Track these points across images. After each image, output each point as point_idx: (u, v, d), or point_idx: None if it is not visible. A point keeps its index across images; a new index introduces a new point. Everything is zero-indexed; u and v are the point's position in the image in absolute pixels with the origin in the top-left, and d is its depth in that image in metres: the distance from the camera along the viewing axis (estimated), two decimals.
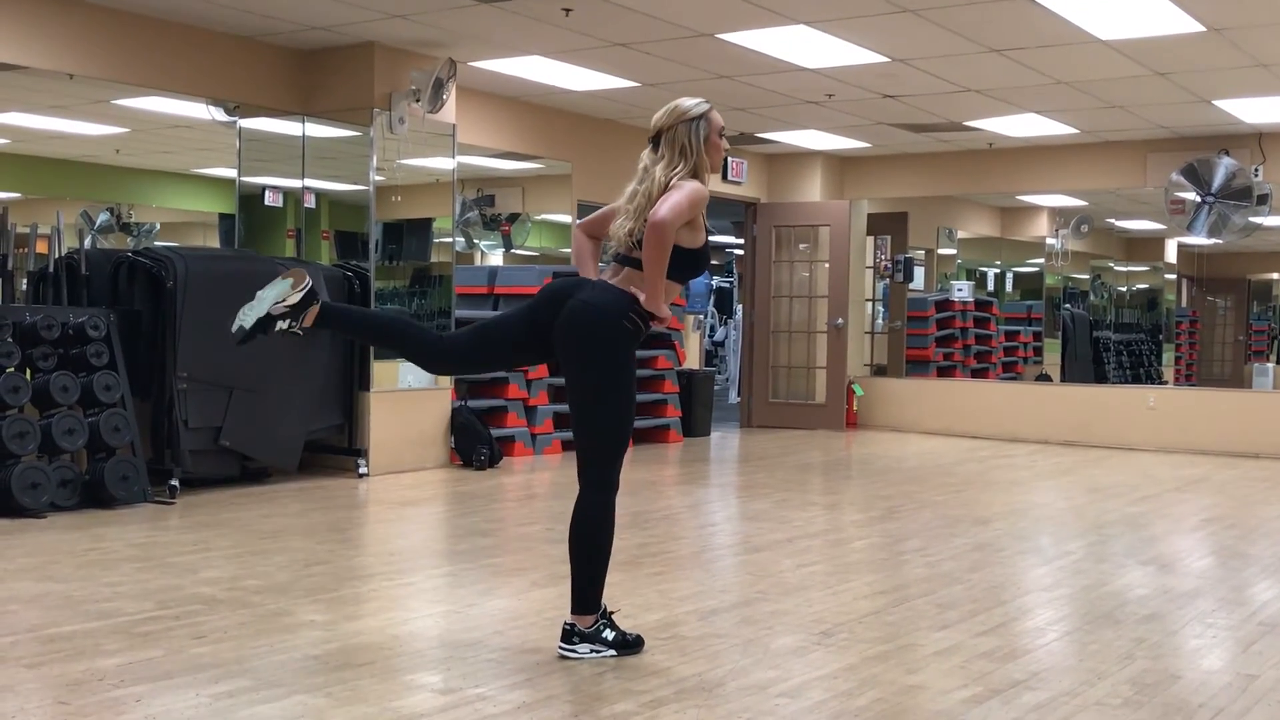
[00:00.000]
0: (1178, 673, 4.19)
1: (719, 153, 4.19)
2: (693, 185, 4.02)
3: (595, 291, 4.08)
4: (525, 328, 4.17)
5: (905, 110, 10.70)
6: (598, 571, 4.13)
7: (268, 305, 3.97)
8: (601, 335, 4.02)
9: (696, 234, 4.09)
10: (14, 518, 6.52)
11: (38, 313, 7.10)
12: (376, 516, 7.46)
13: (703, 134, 4.12)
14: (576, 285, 4.13)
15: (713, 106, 4.19)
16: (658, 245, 3.92)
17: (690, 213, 3.99)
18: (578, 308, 4.02)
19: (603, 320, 4.01)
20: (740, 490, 9.03)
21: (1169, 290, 15.76)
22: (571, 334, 4.03)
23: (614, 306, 4.02)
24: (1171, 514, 8.06)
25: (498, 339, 4.29)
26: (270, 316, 3.98)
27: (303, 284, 4.00)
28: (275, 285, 4.01)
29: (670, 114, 4.14)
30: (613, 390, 4.07)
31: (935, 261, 14.94)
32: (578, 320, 4.02)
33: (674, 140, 4.10)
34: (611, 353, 4.03)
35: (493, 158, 10.96)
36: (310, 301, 4.02)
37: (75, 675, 3.82)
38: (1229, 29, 7.78)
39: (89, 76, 7.91)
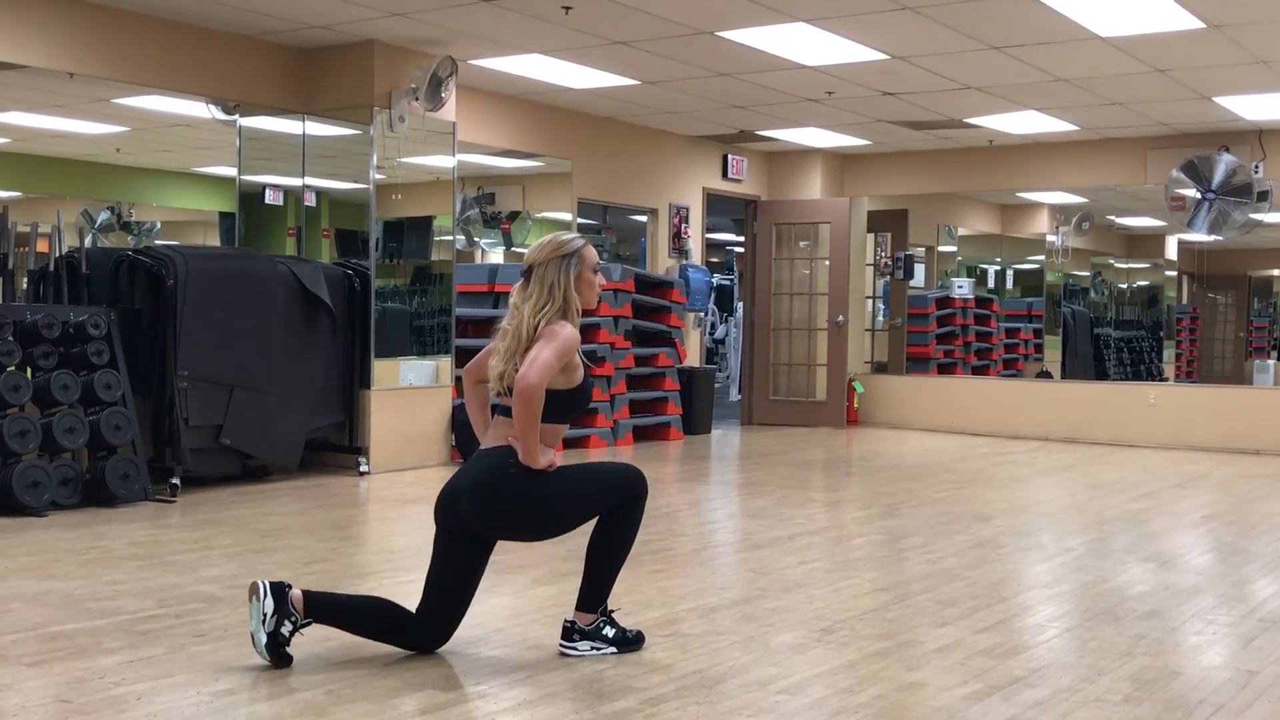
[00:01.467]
0: (1178, 669, 4.19)
1: (593, 290, 4.09)
2: (563, 335, 3.91)
3: (470, 474, 4.02)
4: (460, 545, 4.06)
5: (905, 107, 10.70)
6: (613, 573, 4.15)
7: (262, 631, 3.87)
8: (503, 502, 3.97)
9: (572, 375, 4.00)
10: (15, 516, 6.53)
11: (39, 311, 7.10)
12: (377, 514, 7.46)
13: (574, 272, 4.01)
14: (456, 482, 4.05)
15: (588, 243, 4.11)
16: (526, 408, 3.84)
17: (559, 364, 3.90)
18: (467, 501, 3.97)
19: (494, 492, 3.96)
20: (741, 487, 9.04)
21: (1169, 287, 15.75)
22: (484, 520, 3.99)
23: (491, 477, 3.96)
24: (1172, 510, 8.06)
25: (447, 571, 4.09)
26: (272, 638, 3.87)
27: (258, 591, 3.86)
28: (251, 613, 3.90)
29: (542, 248, 4.04)
30: (561, 506, 4.04)
31: (936, 259, 14.94)
32: (476, 509, 3.97)
33: (544, 278, 3.99)
34: (525, 497, 3.97)
35: (493, 156, 10.96)
36: (279, 593, 3.88)
37: (76, 673, 3.82)
38: (1229, 26, 7.78)
39: (89, 75, 7.92)
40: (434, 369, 9.30)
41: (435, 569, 4.11)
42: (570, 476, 4.08)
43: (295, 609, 3.91)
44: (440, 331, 9.35)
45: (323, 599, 4.03)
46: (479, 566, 4.13)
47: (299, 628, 3.93)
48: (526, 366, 3.85)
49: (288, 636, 3.90)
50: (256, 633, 3.89)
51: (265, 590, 3.88)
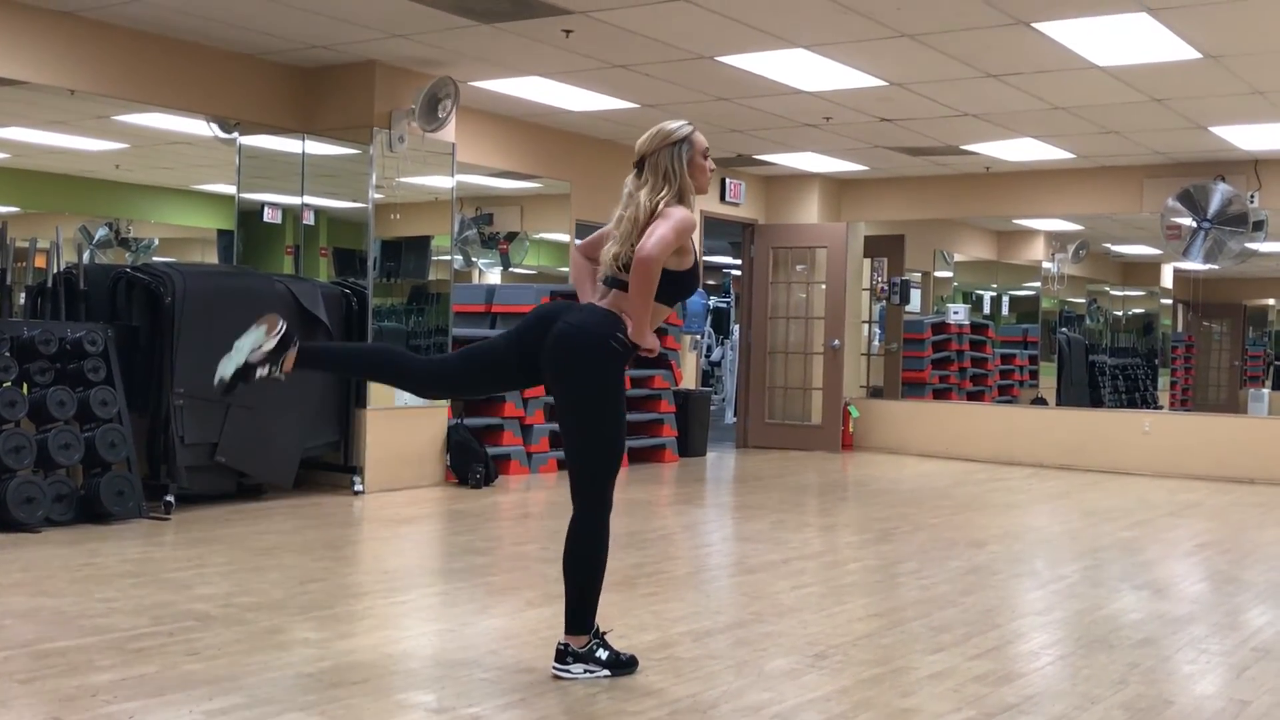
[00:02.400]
0: (1171, 698, 4.19)
1: (704, 175, 4.18)
2: (679, 214, 4.00)
3: (581, 314, 4.09)
4: (514, 351, 4.16)
5: (903, 134, 10.74)
6: (592, 591, 4.14)
7: (245, 354, 3.94)
8: (588, 357, 4.02)
9: (684, 258, 4.08)
10: (9, 532, 6.51)
11: (35, 327, 7.10)
12: (371, 534, 7.45)
13: (686, 157, 4.11)
14: (564, 309, 4.14)
15: (696, 128, 4.18)
16: (644, 279, 3.92)
17: (677, 242, 3.97)
18: (564, 330, 4.03)
19: (588, 342, 4.01)
20: (736, 511, 9.03)
21: (1165, 315, 15.79)
22: (558, 356, 4.04)
23: (599, 328, 4.02)
24: (1166, 539, 8.07)
25: (487, 362, 4.28)
26: (249, 364, 3.95)
27: (276, 328, 3.97)
28: (250, 333, 3.99)
29: (653, 138, 4.14)
30: (601, 412, 4.07)
31: (932, 284, 14.97)
32: (564, 343, 4.02)
33: (657, 165, 4.09)
34: (599, 374, 4.03)
35: (492, 177, 10.98)
36: (287, 345, 3.99)
37: (68, 691, 3.81)
38: (1225, 56, 7.83)
39: (89, 92, 7.94)
40: None
41: (483, 346, 4.31)
42: (623, 414, 4.13)
43: (283, 369, 4.01)
44: (437, 351, 9.35)
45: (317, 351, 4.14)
46: (511, 381, 4.30)
47: (270, 378, 4.01)
48: (646, 239, 3.91)
49: (255, 377, 3.99)
50: (237, 353, 3.97)
51: (279, 331, 3.98)
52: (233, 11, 7.59)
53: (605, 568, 4.16)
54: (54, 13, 7.57)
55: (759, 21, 7.40)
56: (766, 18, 7.33)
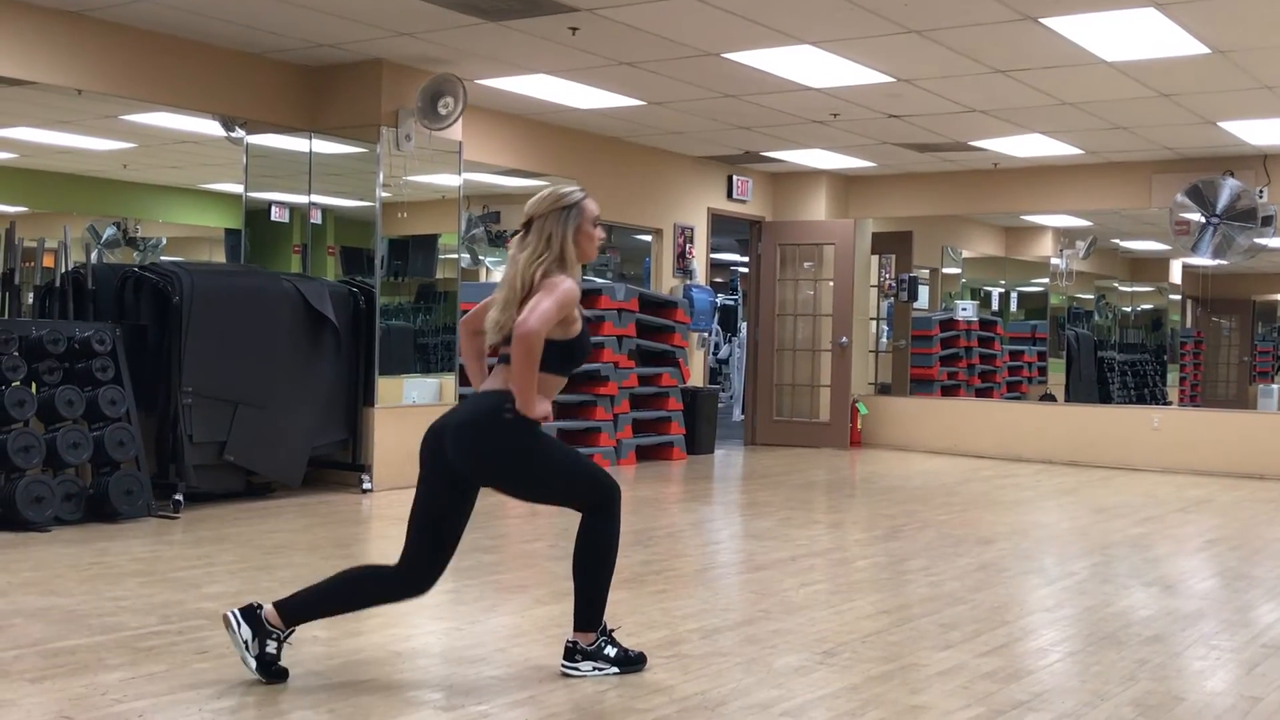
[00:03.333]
0: (1181, 695, 4.18)
1: (591, 242, 4.06)
2: (562, 287, 3.89)
3: (463, 412, 4.03)
4: (438, 485, 4.04)
5: (910, 130, 10.73)
6: (601, 589, 4.13)
7: (248, 656, 3.88)
8: (491, 445, 3.95)
9: (570, 327, 3.98)
10: (18, 531, 6.53)
11: (44, 327, 7.12)
12: (380, 532, 7.46)
13: (573, 224, 4.00)
14: (448, 417, 4.05)
15: (588, 195, 4.10)
16: (525, 355, 3.82)
17: (559, 315, 3.88)
18: (454, 435, 3.96)
19: (482, 433, 3.95)
20: (744, 508, 9.03)
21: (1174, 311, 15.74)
22: (467, 460, 3.97)
23: (487, 414, 3.96)
24: (1175, 535, 8.05)
25: (432, 514, 4.08)
26: (260, 657, 3.88)
27: (228, 623, 3.89)
28: (232, 642, 3.92)
29: (542, 201, 4.03)
30: (537, 471, 4.04)
31: (940, 280, 14.94)
32: (462, 445, 3.96)
33: (544, 229, 3.98)
34: (512, 450, 3.96)
35: (499, 175, 10.99)
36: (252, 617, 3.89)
37: (78, 690, 3.82)
38: (1233, 51, 7.80)
39: (97, 92, 7.95)
40: (437, 387, 9.30)
41: (418, 509, 4.08)
42: (561, 450, 4.11)
43: (273, 625, 3.91)
44: (444, 349, 9.36)
45: (295, 602, 3.99)
46: (463, 510, 4.08)
47: (284, 641, 3.93)
48: (526, 313, 3.82)
49: (275, 654, 3.91)
50: (245, 660, 3.91)
51: (237, 620, 3.89)
52: (239, 11, 7.59)
53: (614, 565, 4.15)
54: (61, 12, 7.58)
55: (766, 18, 7.39)
56: (773, 14, 7.32)
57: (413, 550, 4.07)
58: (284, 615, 3.93)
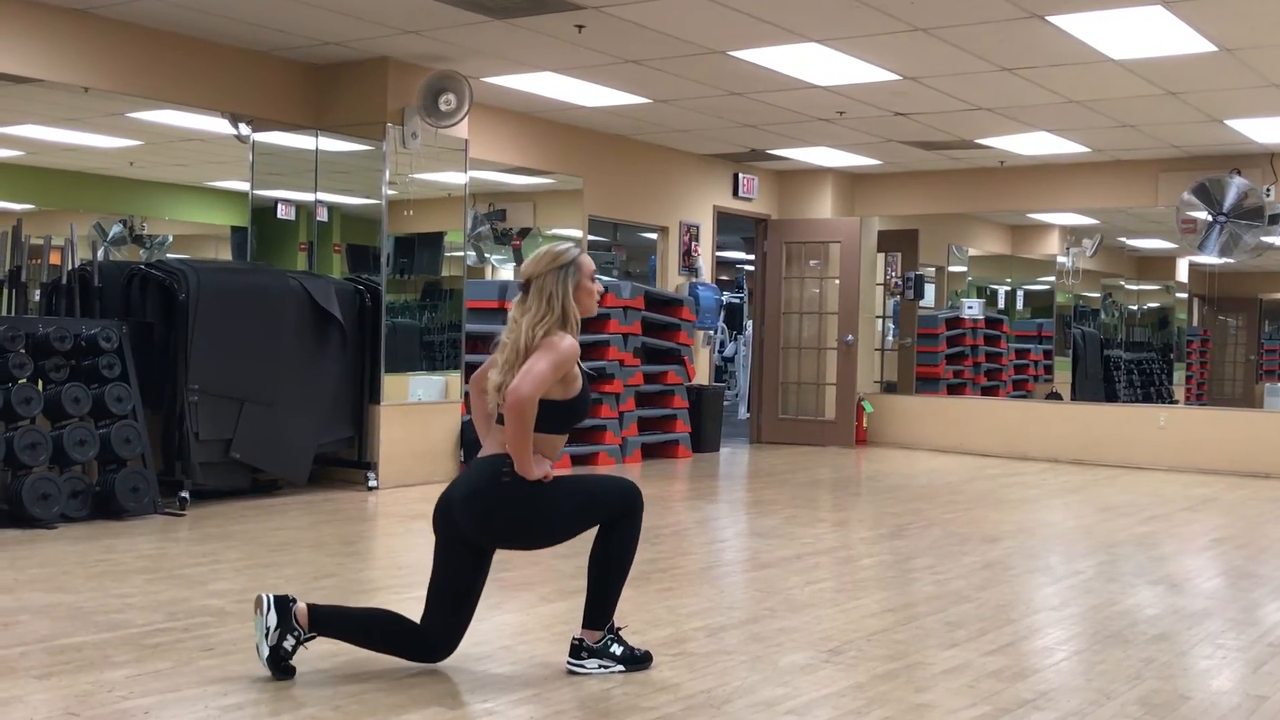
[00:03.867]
0: (1187, 693, 4.18)
1: (591, 298, 4.10)
2: (561, 346, 3.92)
3: (464, 483, 4.04)
4: (455, 554, 4.06)
5: (916, 128, 10.71)
6: (615, 589, 4.15)
7: (264, 643, 3.90)
8: (497, 509, 3.97)
9: (570, 386, 4.00)
10: (25, 528, 6.54)
11: (51, 324, 7.13)
12: (385, 530, 7.47)
13: (573, 282, 4.02)
14: (451, 490, 4.07)
15: (583, 251, 4.12)
16: (517, 419, 3.84)
17: (555, 376, 3.90)
18: (460, 507, 3.99)
19: (486, 500, 3.96)
20: (749, 506, 9.03)
21: (1180, 309, 15.70)
22: (477, 528, 3.99)
23: (485, 484, 3.96)
24: (1181, 534, 8.04)
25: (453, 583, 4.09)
26: (275, 650, 3.90)
27: (262, 604, 3.90)
28: (255, 625, 3.94)
29: (538, 261, 4.05)
30: (549, 518, 4.03)
31: (946, 279, 14.93)
32: (470, 516, 3.98)
33: (542, 289, 3.99)
34: (519, 507, 3.97)
35: (505, 172, 10.99)
36: (283, 607, 3.90)
37: (84, 686, 3.83)
38: (1240, 49, 7.79)
39: (103, 90, 7.96)
40: (444, 385, 9.31)
41: (436, 578, 4.11)
42: (565, 488, 4.08)
43: (299, 624, 3.92)
44: (450, 347, 9.36)
45: (327, 613, 4.03)
46: (480, 575, 4.12)
47: (302, 642, 3.94)
48: (520, 378, 3.85)
49: (290, 651, 3.92)
50: (260, 645, 3.92)
51: (269, 604, 3.90)
52: (246, 8, 7.60)
53: (630, 569, 4.16)
54: (68, 10, 7.59)
55: (772, 16, 7.38)
56: (779, 12, 7.31)
57: (433, 616, 4.10)
58: (312, 619, 3.95)
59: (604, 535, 4.12)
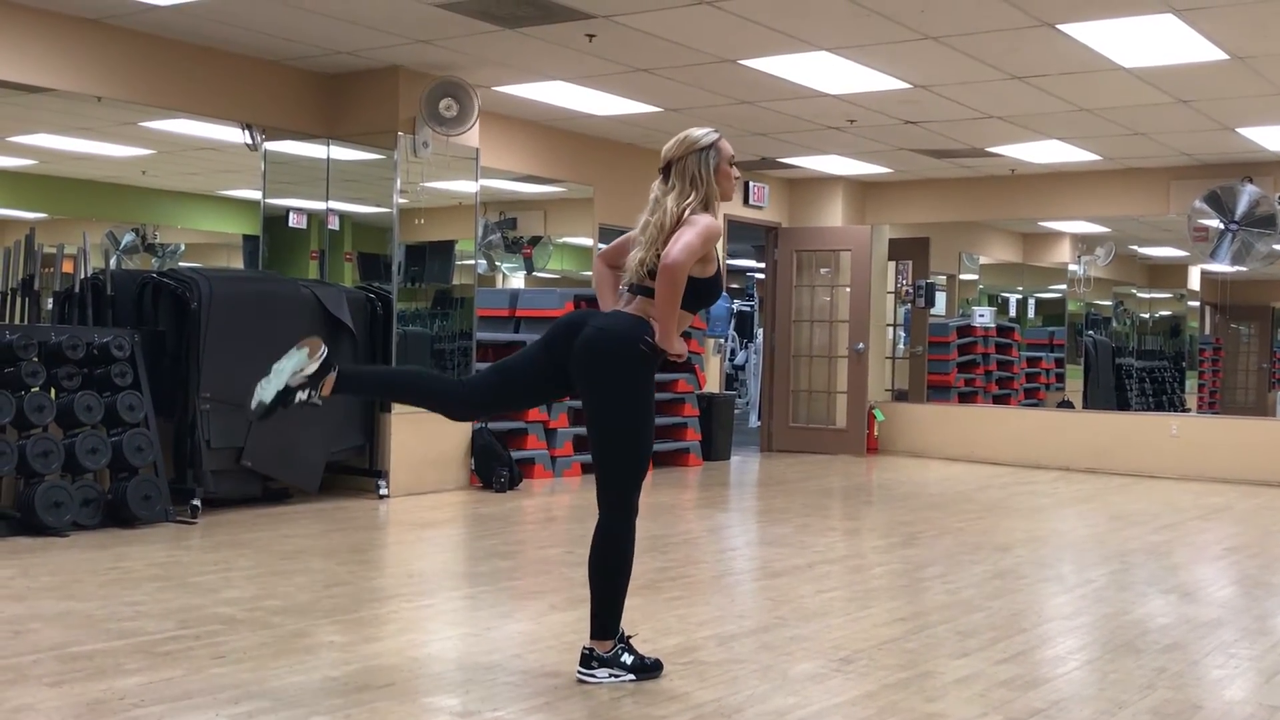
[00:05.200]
0: (1199, 703, 4.16)
1: (730, 181, 4.19)
2: (705, 221, 4.02)
3: (608, 319, 4.11)
4: (543, 361, 4.17)
5: (927, 136, 10.71)
6: (617, 596, 4.14)
7: (285, 377, 3.93)
8: (616, 359, 4.02)
9: (708, 265, 4.09)
10: (37, 536, 6.56)
11: (63, 333, 7.15)
12: (396, 538, 7.47)
13: (713, 164, 4.12)
14: (591, 315, 4.17)
15: (722, 135, 4.19)
16: (670, 285, 3.93)
17: (703, 250, 3.99)
18: (591, 334, 4.05)
19: (617, 346, 4.02)
20: (760, 515, 9.02)
21: (1192, 317, 15.68)
22: (587, 360, 4.04)
23: (627, 332, 4.03)
24: (1194, 543, 8.01)
25: (518, 375, 4.27)
26: (289, 389, 3.95)
27: (319, 352, 3.96)
28: (291, 357, 3.98)
29: (680, 144, 4.14)
30: (630, 415, 4.07)
31: (957, 287, 14.91)
32: (592, 346, 4.03)
33: (684, 171, 4.10)
34: (627, 376, 4.04)
35: (515, 181, 11.01)
36: (327, 369, 3.99)
37: (96, 694, 3.83)
38: (1252, 57, 7.78)
39: (116, 99, 7.99)
40: None
41: (512, 360, 4.27)
42: (652, 414, 4.14)
43: (321, 393, 4.01)
44: (461, 355, 9.37)
45: (354, 374, 4.12)
46: (541, 393, 4.29)
47: (310, 401, 4.01)
48: (672, 246, 3.93)
49: (294, 402, 4.00)
50: (277, 375, 3.97)
51: (321, 355, 3.98)
52: (258, 18, 7.63)
53: (631, 572, 4.16)
54: (81, 20, 7.63)
55: (782, 24, 7.39)
56: (789, 21, 7.32)
57: (480, 385, 4.27)
58: (338, 383, 4.04)
59: (598, 540, 4.12)
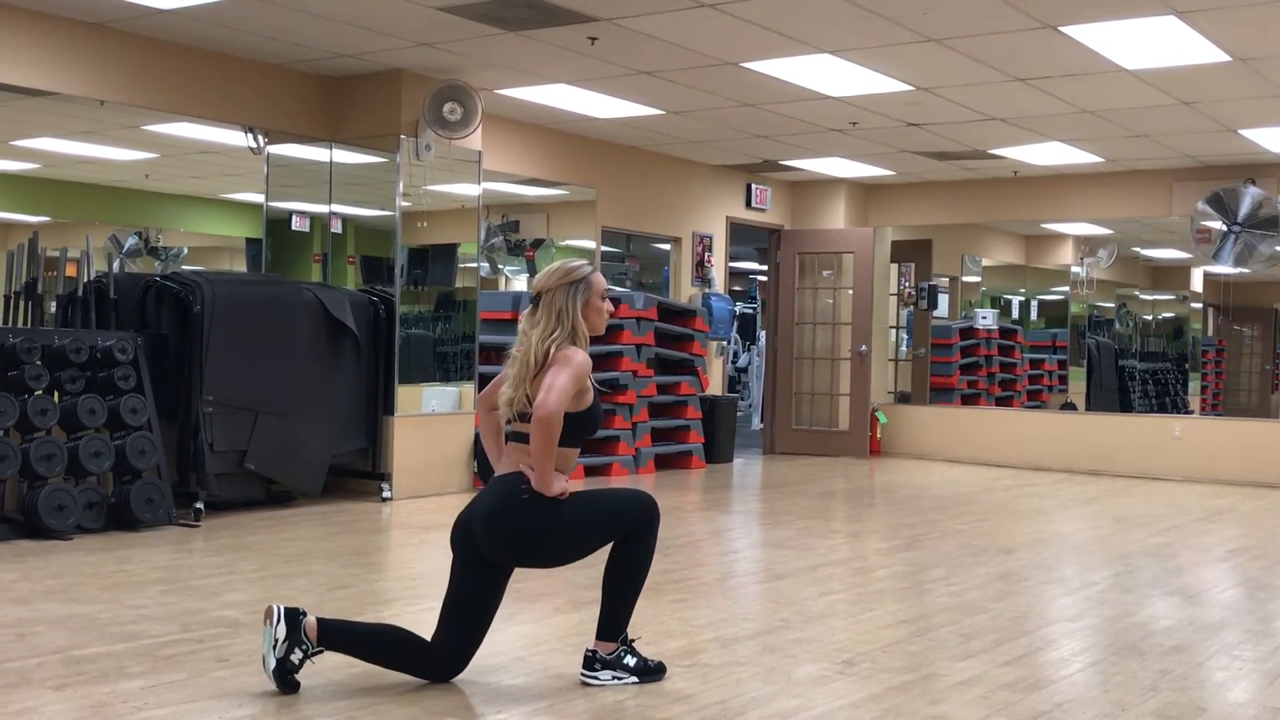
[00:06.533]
0: (1203, 705, 4.16)
1: (600, 316, 4.12)
2: (575, 361, 3.95)
3: (484, 501, 4.04)
4: (476, 572, 4.07)
5: (930, 138, 10.71)
6: (630, 602, 4.15)
7: (271, 655, 3.89)
8: (514, 529, 3.98)
9: (583, 398, 4.02)
10: (40, 539, 6.57)
11: (66, 336, 7.16)
12: (399, 541, 7.47)
13: (582, 299, 4.05)
14: (472, 507, 4.08)
15: (596, 269, 4.13)
16: (545, 435, 3.86)
17: (575, 389, 3.93)
18: (480, 528, 3.99)
19: (502, 519, 3.97)
20: (763, 517, 9.01)
21: (1195, 319, 15.66)
22: (497, 547, 4.01)
23: (503, 504, 3.98)
24: (1197, 545, 8.01)
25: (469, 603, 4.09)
26: (282, 663, 3.89)
27: (270, 615, 3.90)
28: (263, 636, 3.94)
29: (550, 276, 4.08)
30: (568, 535, 4.03)
31: (959, 289, 14.90)
32: (489, 536, 3.99)
33: (552, 304, 4.03)
34: (535, 529, 3.98)
35: (518, 184, 11.01)
36: (293, 619, 3.90)
37: (99, 697, 3.84)
38: (1254, 59, 7.77)
39: (120, 103, 8.00)
40: (457, 395, 9.32)
41: (451, 596, 4.11)
42: (583, 502, 4.08)
43: (308, 637, 3.91)
44: (464, 358, 9.38)
45: (337, 627, 4.03)
46: (496, 595, 4.13)
47: (310, 655, 3.93)
48: (544, 394, 3.86)
49: (297, 664, 3.91)
50: (267, 657, 3.92)
51: (279, 616, 3.89)
52: (260, 21, 7.63)
53: (645, 581, 4.16)
54: (84, 24, 7.64)
55: (784, 27, 7.39)
56: (792, 23, 7.32)
57: (446, 634, 4.10)
58: (321, 633, 3.95)
59: (620, 547, 4.12)
